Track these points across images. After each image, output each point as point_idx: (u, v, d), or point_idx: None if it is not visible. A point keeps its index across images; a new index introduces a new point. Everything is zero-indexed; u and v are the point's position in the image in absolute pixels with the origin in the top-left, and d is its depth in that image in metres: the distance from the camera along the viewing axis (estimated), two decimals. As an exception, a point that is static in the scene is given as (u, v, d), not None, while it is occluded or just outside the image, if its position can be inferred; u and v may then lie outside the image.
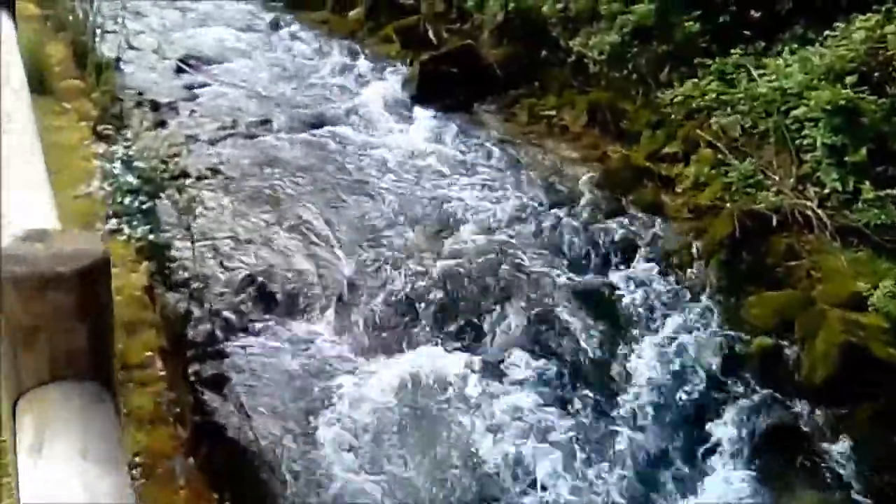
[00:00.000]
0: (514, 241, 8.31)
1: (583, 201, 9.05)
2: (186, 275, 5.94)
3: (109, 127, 6.86)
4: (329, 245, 7.96)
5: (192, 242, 6.07)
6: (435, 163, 9.96)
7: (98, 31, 10.68)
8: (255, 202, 8.60)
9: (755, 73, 8.81)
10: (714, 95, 9.23)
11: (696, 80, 9.35)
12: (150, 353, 4.00)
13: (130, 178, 5.46)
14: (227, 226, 7.91)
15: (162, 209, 6.21)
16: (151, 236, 5.05)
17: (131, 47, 12.55)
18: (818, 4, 9.39)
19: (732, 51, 9.31)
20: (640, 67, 10.52)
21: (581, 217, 8.75)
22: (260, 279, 7.16)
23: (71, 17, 10.43)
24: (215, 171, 9.24)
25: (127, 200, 5.30)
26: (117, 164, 5.81)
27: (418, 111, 11.42)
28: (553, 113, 11.23)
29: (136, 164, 5.93)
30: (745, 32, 9.53)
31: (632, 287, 7.83)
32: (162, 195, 6.06)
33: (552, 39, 11.56)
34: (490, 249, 8.07)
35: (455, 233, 8.37)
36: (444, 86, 11.67)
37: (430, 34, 13.17)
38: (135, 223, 5.11)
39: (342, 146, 10.28)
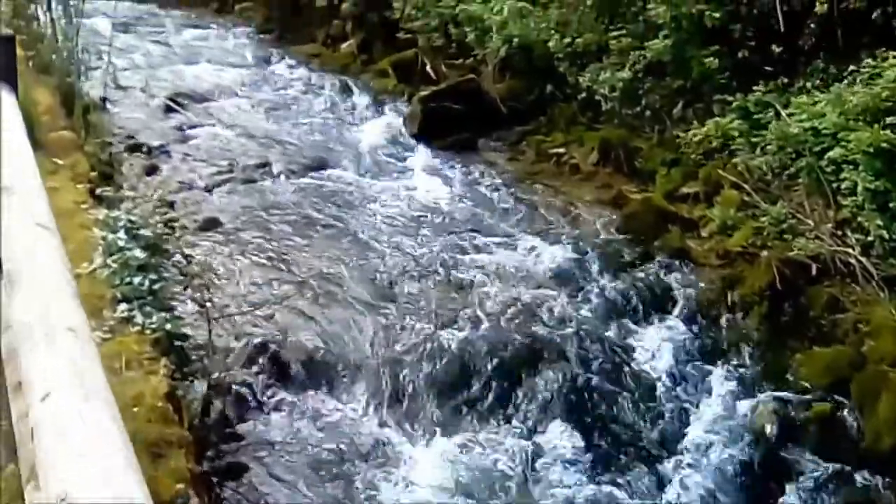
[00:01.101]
0: (536, 295, 7.69)
1: (604, 248, 8.45)
2: (206, 361, 5.27)
3: (108, 189, 6.18)
4: (343, 306, 7.31)
5: (209, 322, 5.40)
6: (445, 208, 9.34)
7: (83, 70, 9.98)
8: (261, 258, 7.94)
9: (783, 112, 8.28)
10: (737, 134, 8.72)
11: (718, 118, 8.81)
12: (180, 486, 3.36)
13: (138, 252, 4.80)
14: (236, 288, 7.25)
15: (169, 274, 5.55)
16: (168, 325, 4.40)
17: (118, 86, 11.87)
18: (839, 39, 8.89)
19: (755, 88, 8.77)
20: (654, 104, 9.98)
21: (605, 266, 8.14)
22: (276, 349, 6.49)
23: (55, 57, 9.75)
24: (215, 223, 8.58)
25: (136, 280, 4.64)
26: (121, 234, 5.14)
27: (421, 150, 10.82)
28: (562, 150, 10.66)
29: (141, 231, 5.27)
30: (767, 68, 9.00)
31: (667, 343, 7.23)
32: (169, 265, 5.40)
33: (558, 74, 11.00)
34: (512, 306, 7.45)
35: (474, 288, 7.74)
36: (447, 122, 11.09)
37: (429, 68, 12.59)
38: (147, 309, 4.46)
39: (345, 191, 9.65)
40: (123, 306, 4.47)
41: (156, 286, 4.72)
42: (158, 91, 12.36)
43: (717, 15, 9.19)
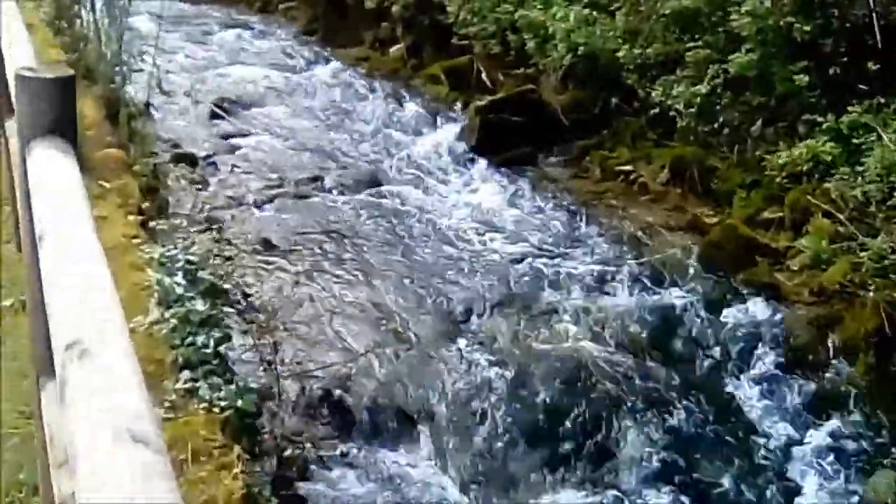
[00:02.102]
0: (616, 332, 6.99)
1: (686, 281, 7.71)
2: (276, 431, 4.60)
3: (162, 222, 5.51)
4: (409, 344, 6.63)
5: (278, 381, 4.72)
6: (509, 231, 8.63)
7: (127, 73, 9.31)
8: (318, 288, 7.26)
9: (885, 136, 7.52)
10: (830, 158, 7.97)
11: (809, 140, 8.06)
12: None
13: (199, 304, 4.13)
14: (294, 321, 6.57)
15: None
16: (240, 402, 3.73)
17: (162, 90, 11.21)
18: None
19: (849, 108, 8.01)
20: (731, 121, 9.22)
21: (689, 302, 7.41)
22: (340, 396, 5.82)
23: (99, 61, 9.10)
24: (268, 245, 7.92)
25: (199, 340, 3.97)
26: (178, 276, 4.48)
27: (480, 165, 10.10)
28: (629, 168, 9.91)
29: (199, 273, 4.60)
30: (861, 86, 8.23)
31: (763, 392, 6.51)
32: (230, 309, 4.73)
33: (625, 86, 10.25)
34: (592, 348, 6.73)
35: (549, 325, 7.03)
36: (506, 135, 10.35)
37: (484, 76, 11.86)
38: (214, 379, 3.79)
39: (402, 210, 8.96)
40: (186, 374, 3.80)
41: (221, 346, 4.05)
42: (203, 96, 11.71)
43: (806, 28, 8.43)
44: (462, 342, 6.73)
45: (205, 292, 4.53)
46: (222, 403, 3.65)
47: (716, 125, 9.30)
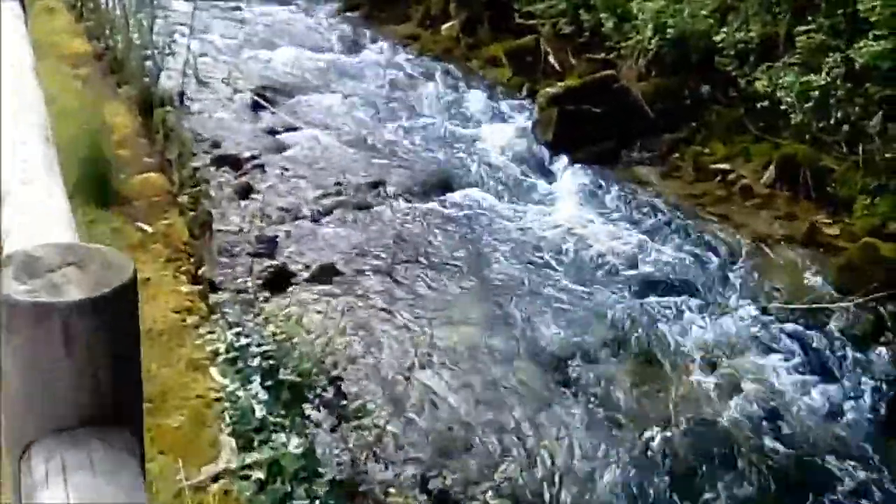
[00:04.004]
0: (754, 382, 5.69)
1: (825, 312, 6.39)
2: None
3: (226, 297, 4.22)
4: (505, 397, 5.37)
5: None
6: (602, 245, 7.33)
7: (160, 63, 7.88)
8: (397, 328, 6.00)
9: None
10: None
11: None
12: None
13: (294, 445, 2.87)
14: (369, 373, 5.32)
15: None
16: None
17: (197, 79, 9.89)
18: None
19: None
20: (849, 116, 7.82)
21: (832, 341, 6.10)
22: (428, 474, 4.57)
23: (130, 53, 7.75)
24: (332, 271, 6.65)
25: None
26: (255, 385, 3.23)
27: (558, 164, 8.77)
28: (726, 166, 8.56)
29: (282, 374, 3.36)
30: None
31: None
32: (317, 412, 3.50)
33: (719, 73, 8.86)
34: (732, 410, 5.45)
35: (672, 374, 5.76)
36: (585, 128, 9.00)
37: (552, 59, 10.48)
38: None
39: (479, 221, 7.66)
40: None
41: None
42: (243, 83, 10.40)
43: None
44: (565, 393, 5.48)
45: (288, 402, 3.28)
46: None
47: (832, 120, 7.91)
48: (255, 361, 3.39)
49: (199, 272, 4.17)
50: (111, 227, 4.41)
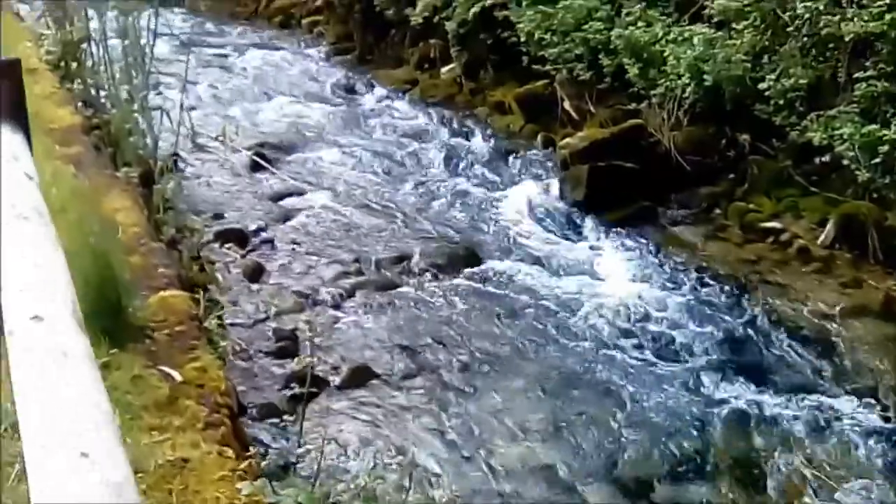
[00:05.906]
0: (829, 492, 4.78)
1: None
2: None
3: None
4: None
5: None
6: (653, 324, 6.42)
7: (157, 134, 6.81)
8: (444, 443, 5.03)
9: None
10: None
11: None
12: None
13: None
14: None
15: None
16: None
17: (193, 141, 8.83)
18: None
19: None
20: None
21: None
22: None
23: (129, 131, 6.68)
24: (366, 373, 5.66)
25: None
26: None
27: (593, 227, 7.86)
28: (777, 224, 7.68)
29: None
30: None
31: None
32: None
33: (757, 121, 8.00)
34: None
35: (767, 482, 4.83)
36: (617, 185, 8.09)
37: (568, 106, 9.58)
38: None
39: (519, 298, 6.70)
40: None
41: None
42: (238, 140, 9.35)
43: None
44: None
45: None
46: None
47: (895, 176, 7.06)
48: None
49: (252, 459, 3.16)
50: (130, 376, 3.40)
